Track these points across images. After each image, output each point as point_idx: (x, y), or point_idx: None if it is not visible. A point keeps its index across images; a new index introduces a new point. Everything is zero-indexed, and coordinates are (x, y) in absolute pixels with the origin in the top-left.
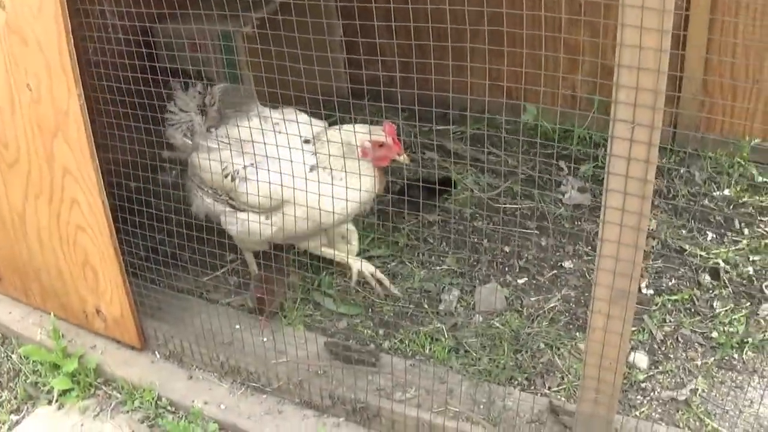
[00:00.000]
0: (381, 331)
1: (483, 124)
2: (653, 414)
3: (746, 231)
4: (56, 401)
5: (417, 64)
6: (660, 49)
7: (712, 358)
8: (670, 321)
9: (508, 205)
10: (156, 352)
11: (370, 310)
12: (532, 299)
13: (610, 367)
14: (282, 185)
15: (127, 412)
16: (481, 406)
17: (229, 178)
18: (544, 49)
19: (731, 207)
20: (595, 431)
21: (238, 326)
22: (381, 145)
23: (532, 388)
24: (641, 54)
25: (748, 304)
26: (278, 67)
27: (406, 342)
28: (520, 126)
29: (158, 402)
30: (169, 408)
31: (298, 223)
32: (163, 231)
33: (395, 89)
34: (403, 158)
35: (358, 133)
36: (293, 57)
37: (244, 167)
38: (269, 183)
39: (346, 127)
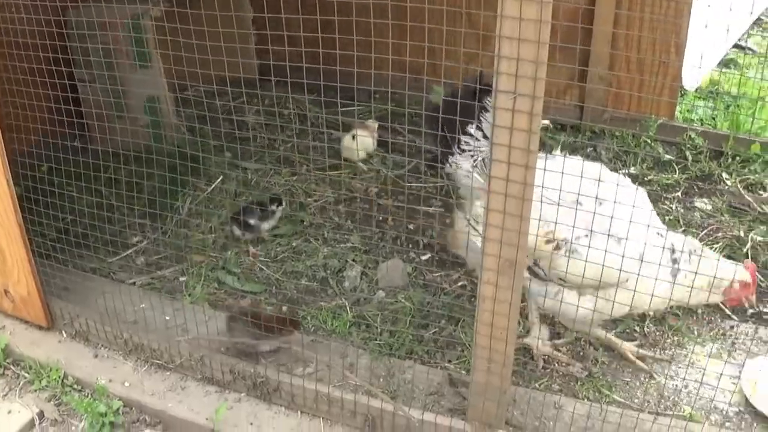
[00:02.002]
0: (284, 308)
1: (389, 103)
2: (553, 386)
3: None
4: None
5: (324, 43)
6: (540, 20)
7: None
8: None
9: (414, 184)
10: (63, 332)
11: (274, 287)
12: (436, 275)
13: (501, 337)
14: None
15: (35, 391)
16: (381, 380)
17: (553, 245)
18: (446, 24)
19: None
20: (489, 401)
21: (143, 305)
22: (744, 286)
23: (433, 361)
24: (522, 25)
25: None
26: (187, 46)
27: (309, 318)
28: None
29: (65, 381)
30: (75, 386)
31: (615, 308)
32: (72, 212)
33: (303, 67)
34: (750, 302)
35: (734, 272)
36: (202, 37)
37: (578, 237)
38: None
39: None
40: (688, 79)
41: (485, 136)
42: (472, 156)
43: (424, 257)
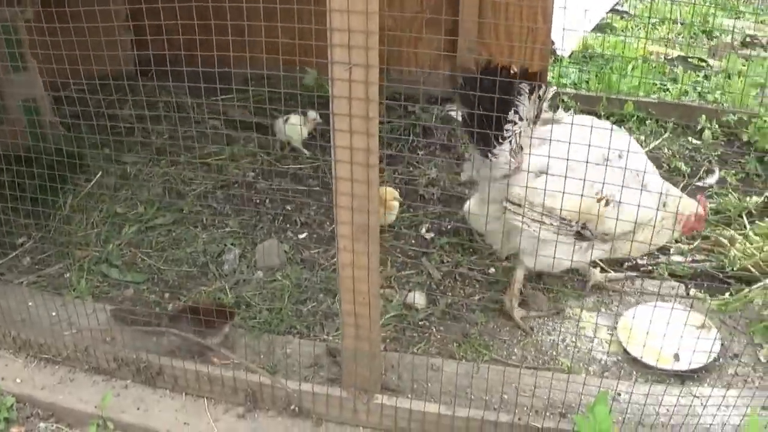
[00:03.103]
0: (167, 295)
1: (266, 90)
2: (431, 349)
3: None
4: None
5: (201, 41)
6: None
7: (490, 293)
8: (449, 261)
9: (291, 166)
10: None
11: (155, 276)
12: (313, 252)
13: (363, 302)
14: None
15: None
16: (262, 356)
17: (603, 202)
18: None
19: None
20: (361, 366)
21: (30, 303)
22: (697, 218)
23: (312, 334)
24: None
25: None
26: (63, 45)
27: (190, 303)
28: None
29: None
30: None
31: (634, 248)
32: None
33: (180, 56)
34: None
35: (690, 204)
36: (77, 34)
37: (620, 190)
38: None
39: (674, 193)
40: (561, 45)
41: (521, 119)
42: (509, 141)
43: (301, 236)
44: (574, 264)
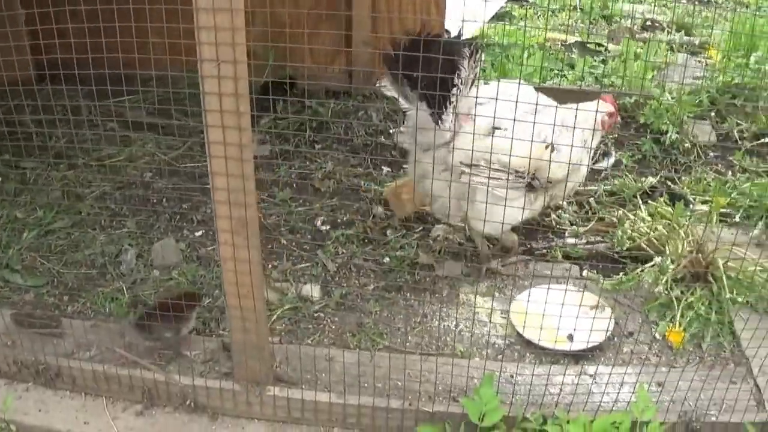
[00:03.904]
0: (66, 298)
1: (165, 89)
2: (325, 340)
3: None
4: None
5: (99, 44)
6: None
7: (384, 282)
8: (344, 252)
9: (188, 164)
10: None
11: (55, 279)
12: (209, 249)
13: (248, 295)
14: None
15: None
16: (158, 354)
17: (549, 148)
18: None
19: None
20: (251, 359)
21: None
22: (610, 115)
23: (208, 330)
24: None
25: (420, 228)
26: None
27: (88, 304)
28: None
29: None
30: None
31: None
32: None
33: (79, 59)
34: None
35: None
36: None
37: (557, 137)
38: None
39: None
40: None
41: (462, 82)
42: (453, 106)
43: (197, 233)
44: (525, 217)
